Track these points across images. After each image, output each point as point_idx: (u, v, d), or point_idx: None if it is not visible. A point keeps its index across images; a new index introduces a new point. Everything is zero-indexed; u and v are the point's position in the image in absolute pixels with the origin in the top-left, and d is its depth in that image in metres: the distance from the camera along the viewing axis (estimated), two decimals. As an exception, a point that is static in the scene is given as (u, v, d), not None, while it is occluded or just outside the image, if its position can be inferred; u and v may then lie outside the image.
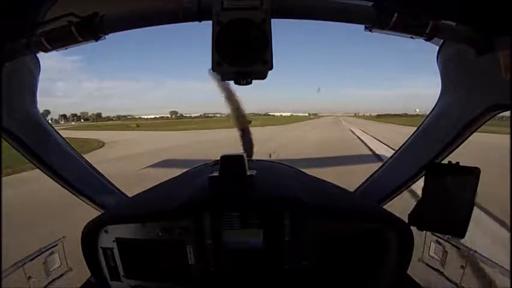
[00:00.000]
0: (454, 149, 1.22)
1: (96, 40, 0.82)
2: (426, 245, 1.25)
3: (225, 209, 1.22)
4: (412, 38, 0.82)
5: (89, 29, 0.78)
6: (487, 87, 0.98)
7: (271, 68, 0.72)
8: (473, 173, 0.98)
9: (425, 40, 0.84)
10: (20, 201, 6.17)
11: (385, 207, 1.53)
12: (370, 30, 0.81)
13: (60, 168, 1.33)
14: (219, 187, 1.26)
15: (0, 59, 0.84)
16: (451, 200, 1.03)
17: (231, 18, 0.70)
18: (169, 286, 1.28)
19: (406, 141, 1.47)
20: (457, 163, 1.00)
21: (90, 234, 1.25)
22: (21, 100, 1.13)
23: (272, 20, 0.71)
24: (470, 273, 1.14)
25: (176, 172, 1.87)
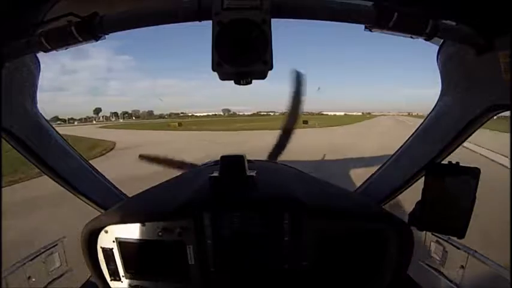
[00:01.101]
0: (454, 149, 1.22)
1: (96, 40, 0.82)
2: (426, 245, 1.25)
3: (225, 209, 1.22)
4: (412, 38, 0.82)
5: (89, 29, 0.78)
6: (487, 87, 0.98)
7: (271, 68, 0.72)
8: (473, 173, 0.98)
9: (425, 40, 0.84)
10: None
11: (384, 207, 1.53)
12: (370, 30, 0.81)
13: (60, 168, 1.33)
14: (219, 187, 1.26)
15: (0, 59, 0.84)
16: (451, 200, 1.03)
17: (231, 18, 0.70)
18: (170, 286, 1.28)
19: (406, 141, 1.47)
20: (457, 163, 1.00)
21: (90, 234, 1.25)
22: (21, 100, 1.13)
23: (272, 20, 0.72)
24: (470, 273, 1.14)
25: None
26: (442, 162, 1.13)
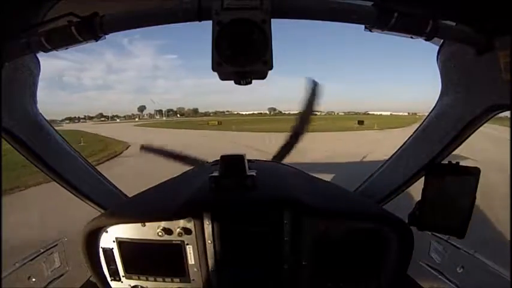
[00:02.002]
0: (454, 149, 1.22)
1: (96, 40, 0.82)
2: (426, 245, 1.25)
3: (225, 209, 1.22)
4: (412, 38, 0.82)
5: (89, 29, 0.78)
6: (487, 87, 0.98)
7: (271, 68, 0.72)
8: (473, 173, 0.98)
9: (425, 40, 0.84)
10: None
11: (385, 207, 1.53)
12: (370, 30, 0.81)
13: (60, 168, 1.33)
14: (219, 187, 1.25)
15: (0, 59, 0.84)
16: (451, 200, 1.03)
17: (231, 18, 0.70)
18: (169, 286, 1.28)
19: (406, 141, 1.47)
20: (457, 163, 1.00)
21: (90, 234, 1.25)
22: (21, 100, 1.13)
23: (272, 20, 0.72)
24: (470, 273, 1.14)
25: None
26: (442, 162, 1.13)
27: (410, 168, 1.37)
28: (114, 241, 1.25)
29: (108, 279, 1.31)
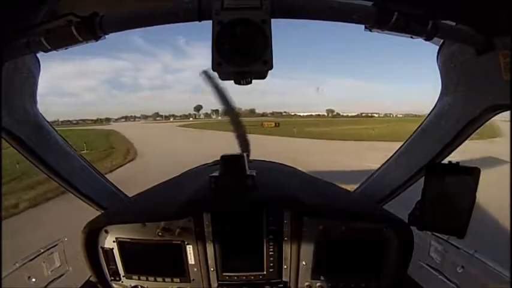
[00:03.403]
0: (454, 149, 1.22)
1: (96, 40, 0.82)
2: (426, 245, 1.25)
3: (225, 209, 1.21)
4: (412, 37, 0.82)
5: (89, 29, 0.78)
6: (487, 87, 0.98)
7: (271, 68, 0.72)
8: (473, 173, 0.98)
9: (425, 40, 0.84)
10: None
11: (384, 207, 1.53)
12: (370, 30, 0.81)
13: (60, 168, 1.33)
14: (219, 187, 1.25)
15: (0, 59, 0.84)
16: (451, 200, 1.03)
17: (231, 18, 0.70)
18: (169, 286, 1.28)
19: (406, 141, 1.47)
20: (457, 163, 1.00)
21: (90, 235, 1.25)
22: (21, 100, 1.13)
23: (272, 20, 0.71)
24: (470, 273, 1.14)
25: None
26: (442, 162, 1.13)
27: (410, 168, 1.37)
28: (114, 241, 1.25)
29: (108, 279, 1.31)
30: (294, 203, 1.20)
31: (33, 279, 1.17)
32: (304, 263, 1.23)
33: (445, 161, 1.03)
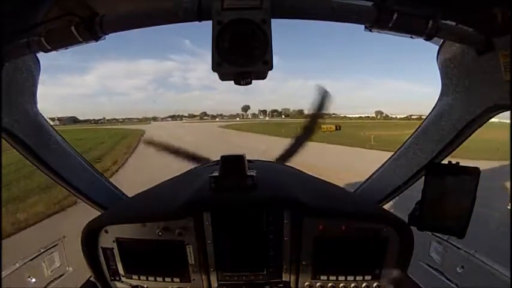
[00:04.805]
0: (454, 149, 1.22)
1: (96, 40, 0.82)
2: (426, 245, 1.25)
3: (225, 209, 1.22)
4: (412, 37, 0.82)
5: (89, 29, 0.78)
6: (487, 87, 0.98)
7: (271, 68, 0.72)
8: (473, 173, 0.98)
9: (425, 40, 0.84)
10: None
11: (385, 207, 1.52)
12: (370, 30, 0.81)
13: (60, 168, 1.33)
14: (219, 187, 1.25)
15: (0, 59, 0.84)
16: (451, 200, 1.03)
17: (231, 18, 0.70)
18: (169, 286, 1.28)
19: (406, 141, 1.47)
20: (457, 163, 1.00)
21: (90, 234, 1.25)
22: (21, 100, 1.13)
23: (272, 20, 0.72)
24: (470, 273, 1.14)
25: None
26: (442, 162, 1.13)
27: (410, 168, 1.37)
28: (114, 241, 1.25)
29: (108, 279, 1.31)
30: (294, 203, 1.21)
31: (33, 279, 1.17)
32: (304, 263, 1.23)
33: (445, 161, 1.03)
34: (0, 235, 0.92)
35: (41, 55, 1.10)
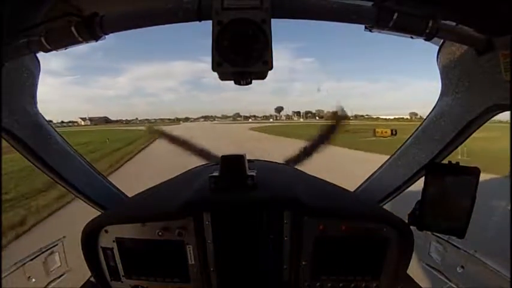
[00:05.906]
0: (454, 149, 1.22)
1: (96, 40, 0.82)
2: (426, 245, 1.25)
3: (225, 209, 1.22)
4: (412, 37, 0.82)
5: (89, 29, 0.78)
6: (487, 88, 0.98)
7: (271, 68, 0.72)
8: (473, 173, 0.98)
9: (425, 40, 0.84)
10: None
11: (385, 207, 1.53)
12: (370, 30, 0.81)
13: (60, 168, 1.33)
14: (219, 187, 1.25)
15: (0, 59, 0.84)
16: (451, 200, 1.03)
17: (231, 18, 0.70)
18: (169, 286, 1.28)
19: (406, 141, 1.47)
20: (457, 163, 1.00)
21: (90, 234, 1.25)
22: (21, 100, 1.13)
23: (272, 20, 0.72)
24: (470, 273, 1.14)
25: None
26: (442, 162, 1.13)
27: (411, 168, 1.37)
28: (114, 241, 1.25)
29: (108, 279, 1.31)
30: (294, 203, 1.20)
31: (33, 279, 1.17)
32: (304, 263, 1.23)
33: (445, 161, 1.04)
34: (0, 235, 0.92)
35: (40, 55, 1.10)
